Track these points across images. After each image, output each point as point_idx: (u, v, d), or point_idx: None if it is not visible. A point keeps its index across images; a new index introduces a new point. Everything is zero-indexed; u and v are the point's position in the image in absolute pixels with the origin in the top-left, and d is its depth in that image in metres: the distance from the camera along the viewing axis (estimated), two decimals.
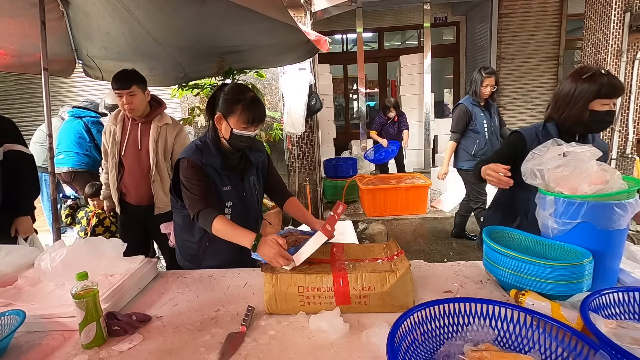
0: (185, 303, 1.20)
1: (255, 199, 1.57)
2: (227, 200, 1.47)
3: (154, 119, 2.19)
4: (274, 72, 4.17)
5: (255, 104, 1.38)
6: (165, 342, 0.99)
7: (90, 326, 0.96)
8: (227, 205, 1.48)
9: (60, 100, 4.94)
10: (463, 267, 1.34)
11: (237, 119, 1.36)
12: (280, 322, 1.05)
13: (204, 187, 1.39)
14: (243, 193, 1.51)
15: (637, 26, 3.56)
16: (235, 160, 1.50)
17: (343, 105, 7.99)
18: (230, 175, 1.47)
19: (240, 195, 1.50)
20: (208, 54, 2.64)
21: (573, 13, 5.88)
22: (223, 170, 1.45)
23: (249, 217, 1.54)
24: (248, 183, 1.53)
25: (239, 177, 1.50)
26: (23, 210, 2.02)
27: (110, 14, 2.11)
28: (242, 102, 1.36)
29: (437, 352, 0.82)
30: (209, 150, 1.43)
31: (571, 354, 0.74)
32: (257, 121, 1.39)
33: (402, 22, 6.99)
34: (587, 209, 1.05)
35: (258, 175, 1.58)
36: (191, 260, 1.58)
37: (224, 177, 1.46)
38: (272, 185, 1.65)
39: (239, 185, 1.49)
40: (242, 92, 1.39)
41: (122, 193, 2.29)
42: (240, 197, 1.50)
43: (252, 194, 1.54)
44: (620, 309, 0.90)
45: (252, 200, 1.55)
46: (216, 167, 1.43)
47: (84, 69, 2.73)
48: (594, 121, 1.39)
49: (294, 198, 1.64)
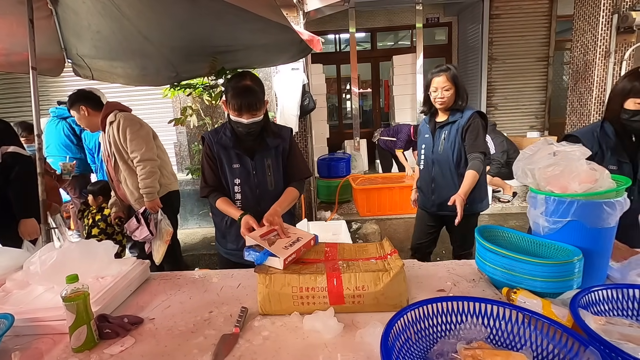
0: (177, 305, 1.19)
1: (268, 181, 1.58)
2: (236, 177, 1.55)
3: (105, 122, 2.34)
4: (267, 72, 4.16)
5: (244, 91, 1.41)
6: (157, 344, 0.98)
7: (81, 329, 0.94)
8: (236, 183, 1.56)
9: (49, 100, 4.87)
10: (456, 266, 1.35)
11: (229, 105, 1.45)
12: (274, 323, 1.04)
13: (213, 171, 1.57)
14: (253, 172, 1.55)
15: (625, 27, 3.63)
16: (249, 141, 1.55)
17: (336, 105, 7.99)
18: (241, 154, 1.55)
19: (249, 173, 1.55)
20: (200, 54, 2.62)
21: (562, 14, 5.97)
22: (234, 149, 1.54)
23: (262, 198, 1.55)
24: (260, 163, 1.56)
25: (249, 156, 1.55)
26: (23, 212, 2.01)
27: (100, 12, 2.08)
28: (232, 89, 1.43)
29: (431, 350, 0.82)
30: (225, 130, 1.55)
31: (562, 350, 0.75)
32: (245, 109, 1.42)
33: (395, 22, 7.02)
34: (577, 207, 1.06)
35: (276, 160, 1.59)
36: (220, 241, 1.72)
37: (234, 155, 1.55)
38: (288, 172, 1.65)
39: (247, 164, 1.55)
40: (235, 80, 1.46)
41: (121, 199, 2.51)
42: (249, 176, 1.55)
43: (263, 174, 1.56)
44: (609, 305, 0.92)
45: (262, 181, 1.57)
46: (227, 146, 1.54)
47: (74, 68, 2.69)
48: (629, 119, 1.41)
49: (290, 188, 1.61)
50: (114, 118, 2.29)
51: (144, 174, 2.29)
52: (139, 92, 4.77)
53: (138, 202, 2.40)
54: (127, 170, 2.34)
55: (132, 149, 2.27)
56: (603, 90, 3.84)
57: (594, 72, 3.83)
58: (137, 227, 2.40)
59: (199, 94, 3.26)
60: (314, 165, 4.90)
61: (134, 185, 2.36)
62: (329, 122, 6.70)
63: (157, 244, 2.43)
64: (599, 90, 3.85)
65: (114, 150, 2.30)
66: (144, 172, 2.29)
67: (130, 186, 2.36)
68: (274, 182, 1.59)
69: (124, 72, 2.76)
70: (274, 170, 1.58)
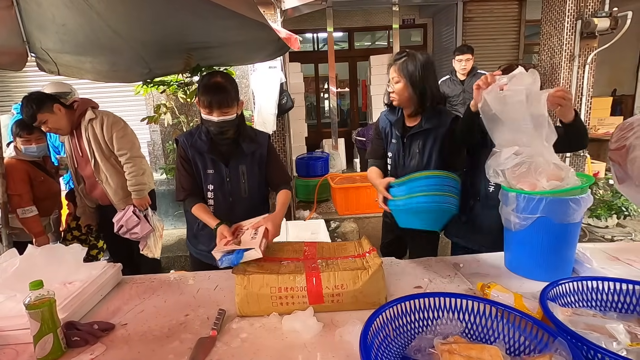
0: (152, 309, 1.15)
1: (242, 188, 1.54)
2: (210, 183, 1.53)
3: (81, 121, 2.21)
4: (244, 70, 4.10)
5: (214, 88, 1.39)
6: (130, 350, 0.95)
7: (46, 338, 0.90)
8: (210, 189, 1.53)
9: (11, 96, 4.59)
10: (432, 263, 1.38)
11: (200, 103, 1.42)
12: (252, 325, 1.03)
13: (188, 174, 1.53)
14: (227, 179, 1.52)
15: (587, 33, 3.83)
16: (223, 145, 1.52)
17: (314, 104, 7.99)
18: (215, 160, 1.51)
19: (223, 180, 1.52)
20: (174, 50, 2.54)
21: (531, 19, 6.21)
22: (209, 154, 1.50)
23: (235, 205, 1.53)
24: (234, 170, 1.52)
25: (223, 162, 1.51)
26: None
27: (67, 4, 1.98)
28: (203, 87, 1.41)
29: (409, 347, 0.84)
30: (200, 133, 1.51)
31: (532, 341, 0.78)
32: (215, 106, 1.39)
33: (372, 22, 7.09)
34: (546, 204, 1.11)
35: (251, 166, 1.56)
36: (191, 240, 1.69)
37: (209, 160, 1.52)
38: (268, 178, 1.62)
39: (222, 171, 1.52)
40: (207, 78, 1.44)
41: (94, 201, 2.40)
42: (223, 182, 1.52)
43: (237, 182, 1.53)
44: (575, 297, 0.96)
45: (236, 188, 1.54)
46: (202, 150, 1.50)
47: (37, 62, 2.54)
48: None
49: (282, 192, 1.59)
50: (93, 115, 2.20)
51: (134, 171, 2.24)
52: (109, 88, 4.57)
53: (123, 201, 2.32)
54: (110, 169, 2.25)
55: (120, 146, 2.21)
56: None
57: (560, 75, 4.02)
58: (137, 223, 2.30)
59: (173, 92, 3.17)
60: (292, 164, 4.87)
61: (118, 184, 2.29)
62: (307, 121, 6.68)
63: (152, 240, 2.40)
64: None
65: (94, 148, 2.21)
66: (134, 169, 2.24)
67: (114, 185, 2.28)
68: (247, 189, 1.56)
69: (93, 68, 2.64)
70: (248, 177, 1.55)
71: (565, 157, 4.13)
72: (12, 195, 2.14)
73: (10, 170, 2.17)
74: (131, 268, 2.32)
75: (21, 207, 2.16)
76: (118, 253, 2.57)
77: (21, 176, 2.19)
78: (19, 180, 2.17)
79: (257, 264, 1.14)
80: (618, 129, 0.82)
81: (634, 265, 1.22)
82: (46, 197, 2.34)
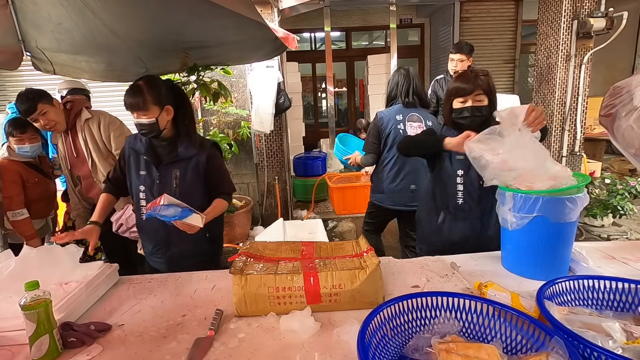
0: (148, 309, 1.15)
1: (173, 192, 1.51)
2: (141, 184, 1.57)
3: (76, 121, 2.17)
4: (241, 69, 4.09)
5: (131, 90, 1.45)
6: (127, 351, 0.94)
7: (42, 339, 0.89)
8: (141, 190, 1.57)
9: (6, 95, 4.56)
10: (430, 262, 1.38)
11: None
12: (250, 325, 1.03)
13: (121, 170, 1.63)
14: (157, 181, 1.54)
15: (584, 33, 3.84)
16: (160, 148, 1.57)
17: (312, 103, 7.98)
18: (148, 162, 1.55)
19: (153, 182, 1.55)
20: (171, 49, 2.53)
21: (527, 19, 6.23)
22: (143, 155, 1.55)
23: None
24: (166, 173, 1.54)
25: (155, 164, 1.55)
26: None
27: (62, 2, 1.97)
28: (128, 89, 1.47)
29: (406, 346, 0.84)
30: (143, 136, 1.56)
31: (529, 340, 0.79)
32: (130, 108, 1.45)
33: (369, 22, 7.09)
34: (542, 203, 1.12)
35: (187, 172, 1.55)
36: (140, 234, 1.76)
37: (143, 162, 1.56)
38: (209, 187, 1.61)
39: (153, 172, 1.55)
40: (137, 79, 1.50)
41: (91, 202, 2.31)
42: (153, 184, 1.55)
43: (167, 185, 1.53)
44: (572, 296, 0.97)
45: (166, 191, 1.47)
46: (139, 152, 1.56)
47: (33, 61, 2.52)
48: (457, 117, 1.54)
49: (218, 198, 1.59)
50: (89, 115, 2.17)
51: None
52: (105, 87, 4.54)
53: (121, 201, 2.30)
54: (108, 168, 2.23)
55: (117, 146, 2.18)
56: (564, 92, 4.05)
57: (556, 75, 4.03)
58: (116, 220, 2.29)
59: None
60: (290, 164, 4.87)
61: None
62: (304, 121, 6.67)
63: None
64: (561, 92, 4.06)
65: (92, 149, 2.18)
66: None
67: None
68: (179, 193, 1.51)
69: (89, 67, 2.63)
70: (180, 181, 1.54)
71: (562, 156, 4.15)
72: (2, 197, 2.09)
73: (1, 171, 2.11)
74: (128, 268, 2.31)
75: (12, 210, 2.10)
76: (114, 253, 2.55)
77: (12, 178, 2.12)
78: (9, 182, 2.11)
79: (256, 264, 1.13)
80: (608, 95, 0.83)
81: (630, 264, 1.23)
82: (41, 198, 2.30)
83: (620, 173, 4.89)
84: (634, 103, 0.75)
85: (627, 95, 0.78)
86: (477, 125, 1.48)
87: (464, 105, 1.50)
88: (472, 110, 1.49)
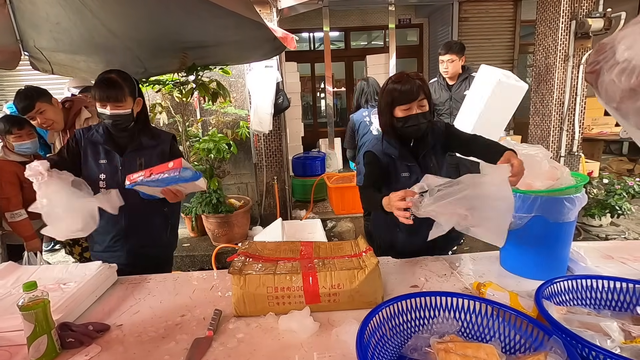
0: (147, 309, 1.15)
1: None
2: (102, 173, 1.56)
3: (76, 120, 2.17)
4: (240, 69, 4.08)
5: (105, 83, 1.47)
6: (125, 352, 0.94)
7: (41, 339, 0.89)
8: (102, 178, 1.56)
9: (4, 95, 4.55)
10: (428, 262, 1.38)
11: (93, 96, 1.48)
12: (249, 325, 1.03)
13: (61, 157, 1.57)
14: (120, 167, 1.55)
15: (582, 33, 3.85)
16: (120, 138, 1.58)
17: (311, 103, 7.98)
18: (109, 150, 1.56)
19: (116, 169, 1.55)
20: (170, 49, 2.53)
21: (526, 19, 6.25)
22: (103, 145, 1.56)
23: (128, 196, 1.46)
24: (131, 161, 1.56)
25: (118, 152, 1.56)
26: None
27: (60, 2, 1.96)
28: (96, 82, 1.48)
29: (405, 346, 0.84)
30: (99, 127, 1.58)
31: (528, 340, 0.79)
32: (105, 100, 1.46)
33: (368, 22, 7.09)
34: (541, 203, 1.12)
35: (150, 160, 1.57)
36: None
37: (102, 151, 1.56)
38: None
39: (115, 160, 1.56)
40: (102, 74, 1.51)
41: None
42: (116, 172, 1.55)
43: (131, 172, 1.47)
44: (570, 295, 0.97)
45: None
46: (97, 142, 1.56)
47: (31, 61, 2.52)
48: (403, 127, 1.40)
49: None
50: (90, 114, 2.17)
51: None
52: None
53: None
54: None
55: None
56: (562, 92, 4.06)
57: (555, 75, 4.04)
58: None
59: (168, 91, 3.16)
60: (288, 164, 4.87)
61: None
62: (303, 121, 6.67)
63: None
64: (559, 92, 4.07)
65: None
66: None
67: None
68: None
69: (87, 67, 2.62)
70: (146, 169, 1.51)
71: (560, 156, 4.16)
72: (0, 199, 2.06)
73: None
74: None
75: (9, 211, 2.07)
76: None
77: (9, 178, 2.08)
78: (6, 182, 2.07)
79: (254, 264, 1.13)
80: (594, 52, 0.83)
81: (628, 263, 1.23)
82: None
83: (618, 173, 4.91)
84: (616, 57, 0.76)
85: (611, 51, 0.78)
86: (422, 134, 1.41)
87: (409, 112, 1.35)
88: (418, 118, 1.35)
